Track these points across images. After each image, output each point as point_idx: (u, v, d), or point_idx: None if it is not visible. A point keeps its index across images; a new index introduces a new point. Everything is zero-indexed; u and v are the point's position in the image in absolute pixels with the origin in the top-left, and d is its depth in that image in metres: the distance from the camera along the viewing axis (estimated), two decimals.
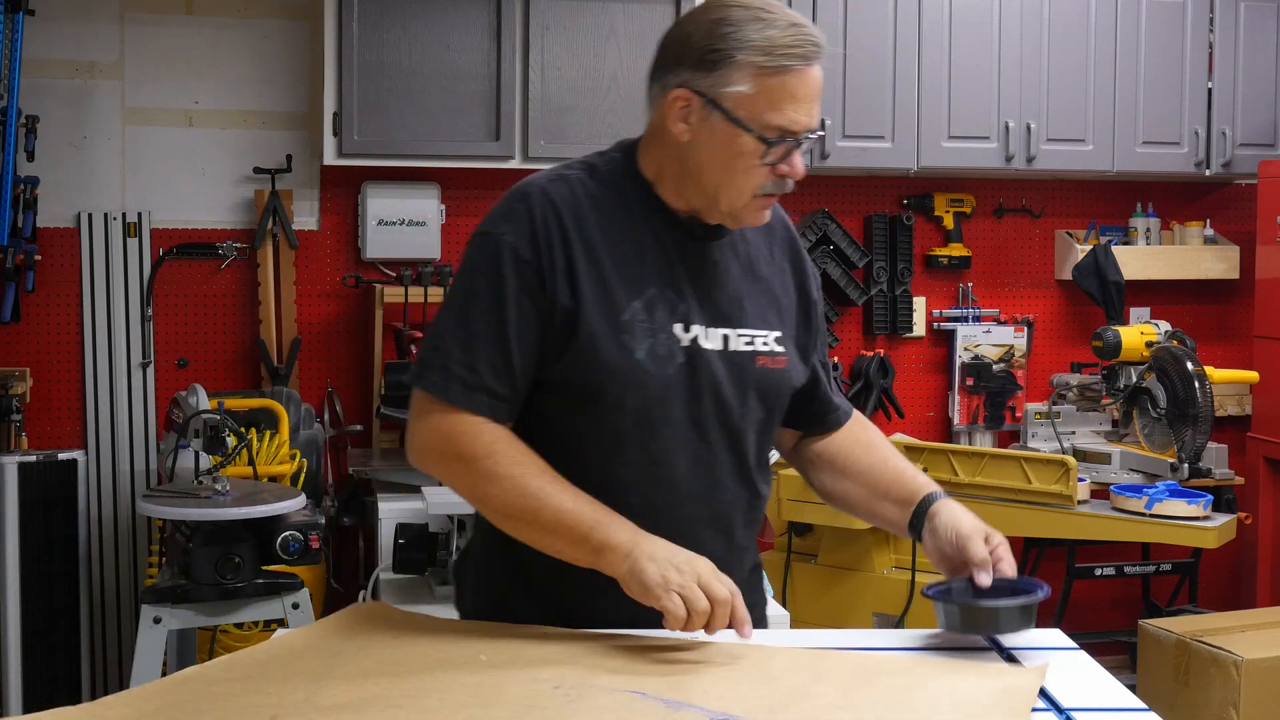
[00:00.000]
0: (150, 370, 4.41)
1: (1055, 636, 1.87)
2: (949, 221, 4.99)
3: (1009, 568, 1.81)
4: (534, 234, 1.82)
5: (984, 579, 1.79)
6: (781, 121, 1.81)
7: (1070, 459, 4.02)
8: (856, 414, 2.12)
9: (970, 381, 4.99)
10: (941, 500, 1.90)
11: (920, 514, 1.90)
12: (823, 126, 1.93)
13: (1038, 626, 1.79)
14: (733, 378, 1.87)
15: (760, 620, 1.98)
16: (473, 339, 1.80)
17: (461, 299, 1.84)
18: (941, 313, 5.02)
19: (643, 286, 1.83)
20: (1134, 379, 4.45)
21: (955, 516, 1.87)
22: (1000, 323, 5.05)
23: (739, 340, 1.89)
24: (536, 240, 1.81)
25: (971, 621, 1.77)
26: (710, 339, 1.86)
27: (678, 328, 1.84)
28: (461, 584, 2.06)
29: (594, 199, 1.87)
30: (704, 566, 1.72)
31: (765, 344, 1.91)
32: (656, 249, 1.86)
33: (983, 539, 1.83)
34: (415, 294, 4.31)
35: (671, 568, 1.70)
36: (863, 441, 2.06)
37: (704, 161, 1.84)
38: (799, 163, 1.84)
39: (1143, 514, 3.96)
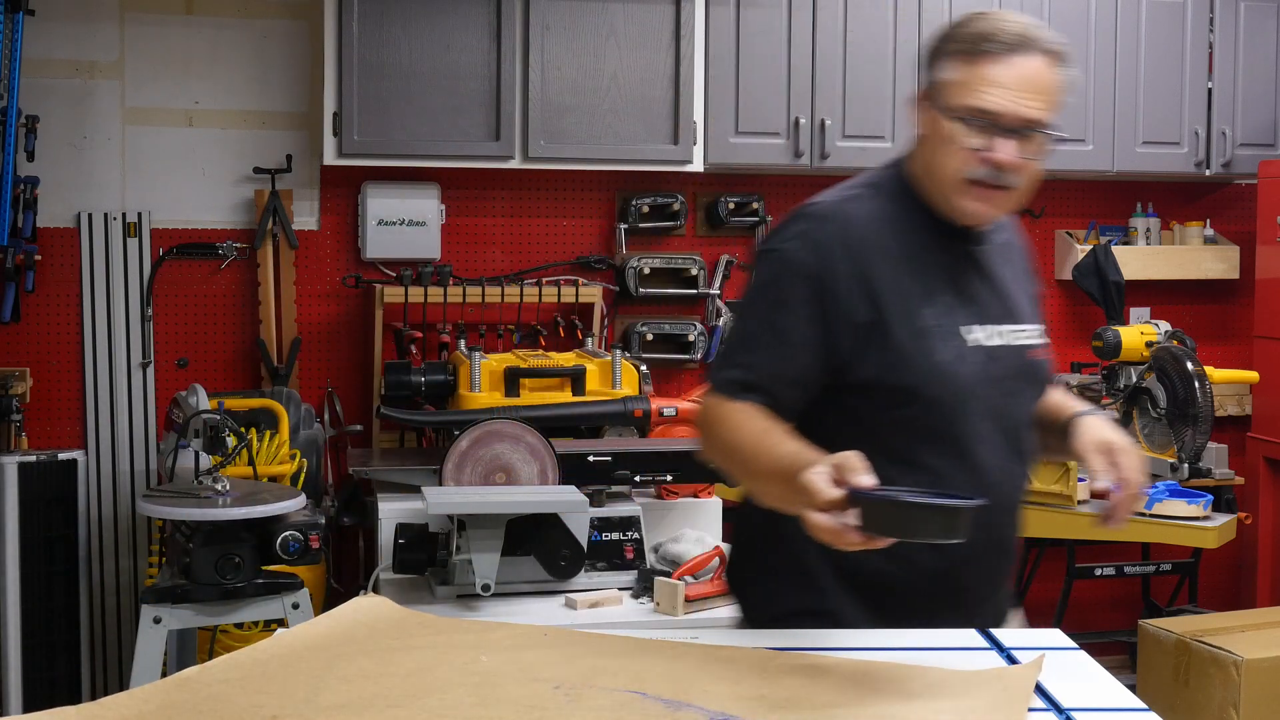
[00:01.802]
0: (150, 370, 4.41)
1: (1055, 636, 1.87)
2: None
3: (1131, 478, 1.90)
4: (823, 252, 1.95)
5: (1101, 483, 1.90)
6: (978, 103, 1.91)
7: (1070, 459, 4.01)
8: None
9: None
10: (1086, 415, 2.03)
11: (1066, 432, 2.03)
12: (1049, 127, 1.97)
13: (1037, 625, 1.79)
14: (1013, 371, 2.04)
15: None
16: (754, 345, 1.97)
17: (747, 309, 2.03)
18: None
19: (935, 293, 1.98)
20: (1134, 379, 4.45)
21: (1087, 429, 2.00)
22: None
23: (1013, 336, 2.05)
24: (827, 259, 1.94)
25: (879, 523, 1.64)
26: (992, 337, 2.02)
27: (964, 330, 1.99)
28: (747, 593, 2.14)
29: (883, 214, 2.00)
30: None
31: (1031, 337, 2.09)
32: (940, 256, 2.01)
33: (1103, 451, 1.94)
34: (415, 294, 4.31)
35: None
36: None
37: (925, 151, 2.00)
38: (1005, 149, 1.92)
39: (1143, 514, 3.96)
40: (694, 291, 4.68)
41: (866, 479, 1.65)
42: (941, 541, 1.64)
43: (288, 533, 3.08)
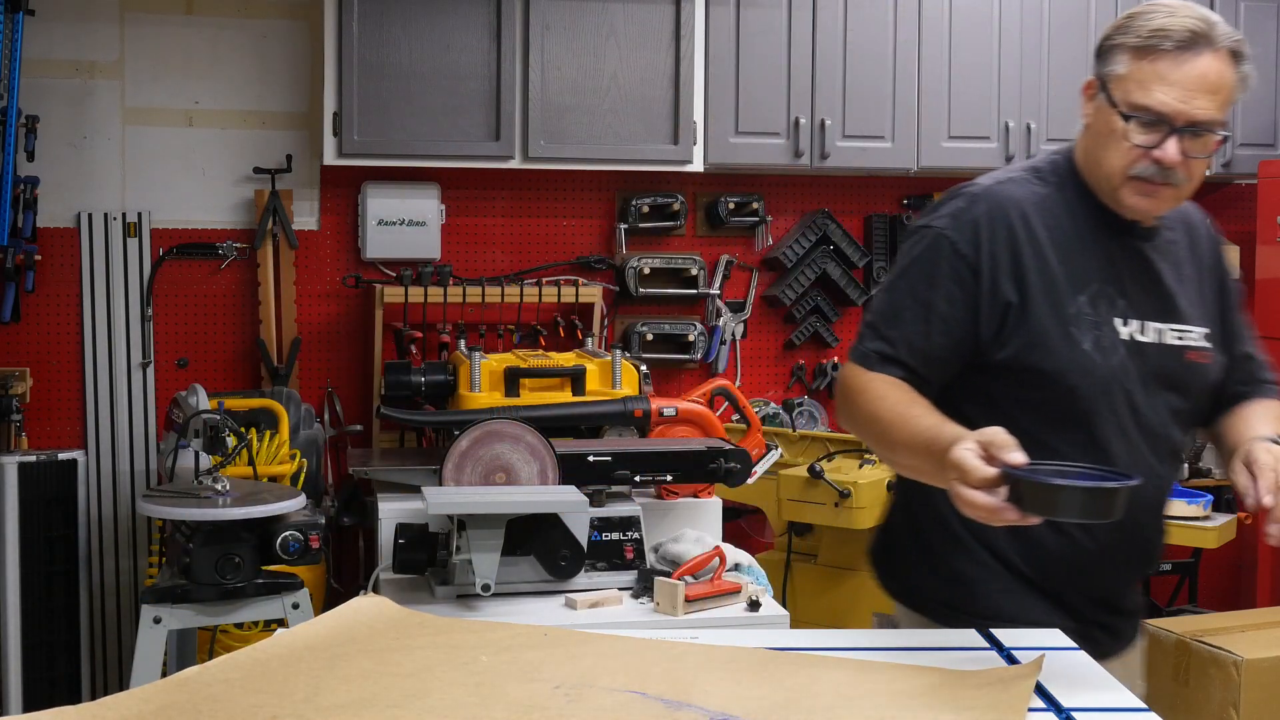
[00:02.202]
0: (150, 370, 4.41)
1: (1055, 636, 1.87)
2: None
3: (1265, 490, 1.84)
4: (976, 231, 1.96)
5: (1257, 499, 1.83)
6: (1146, 101, 1.89)
7: None
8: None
9: None
10: (1258, 441, 1.92)
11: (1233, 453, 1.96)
12: (1219, 126, 1.94)
13: (1037, 625, 1.79)
14: (1165, 370, 2.01)
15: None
16: (898, 318, 1.98)
17: (895, 283, 2.02)
18: None
19: (1086, 282, 1.97)
20: None
21: (1250, 450, 1.90)
22: None
23: (1171, 335, 2.02)
24: (978, 237, 1.96)
25: (1030, 501, 1.64)
26: (1146, 333, 1.99)
27: (1118, 322, 1.97)
28: (895, 570, 2.19)
29: (1039, 199, 2.01)
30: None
31: (1194, 339, 2.04)
32: (1096, 246, 1.99)
33: (1245, 464, 1.88)
34: (415, 294, 4.31)
35: None
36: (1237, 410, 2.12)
37: (1091, 142, 1.99)
38: (1170, 148, 1.90)
39: None
40: (694, 291, 4.69)
41: (1017, 455, 1.64)
42: (1095, 521, 1.66)
43: (288, 533, 3.08)
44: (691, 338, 4.67)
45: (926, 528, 2.08)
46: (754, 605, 2.90)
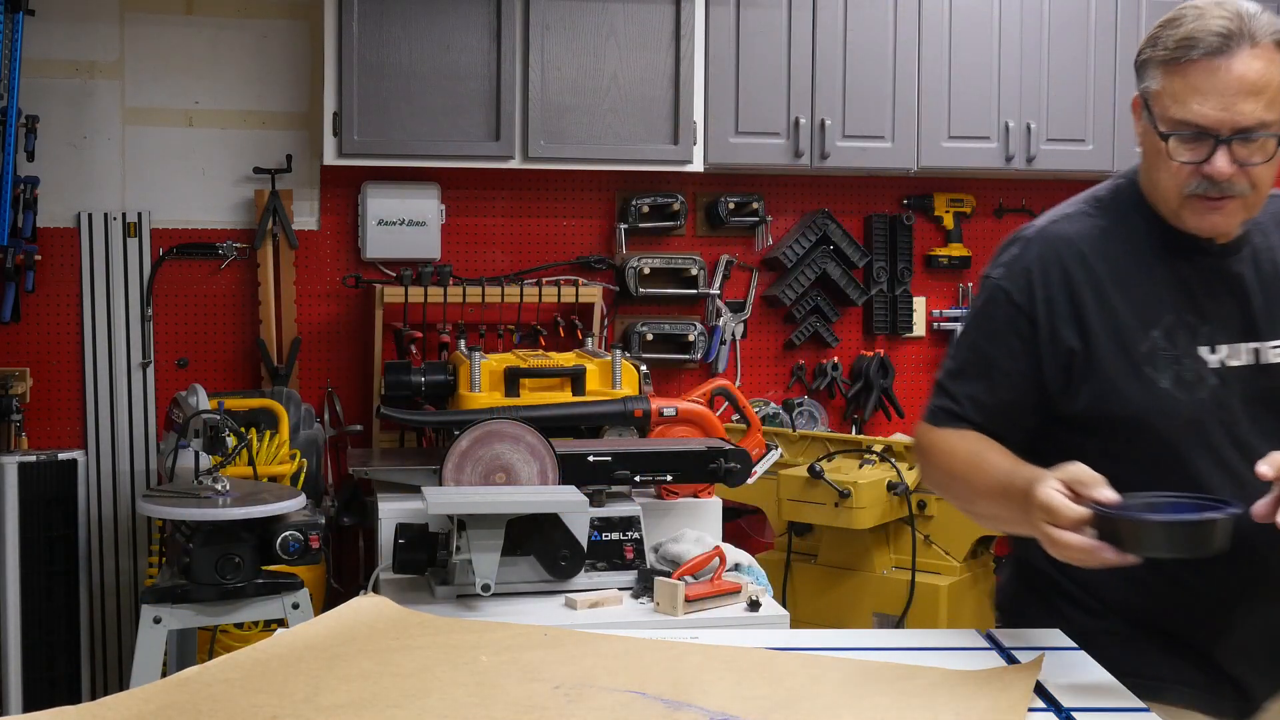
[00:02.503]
0: (150, 370, 4.41)
1: (1055, 636, 1.87)
2: (949, 221, 4.99)
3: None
4: (1029, 280, 1.87)
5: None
6: (1184, 115, 1.77)
7: None
8: None
9: None
10: None
11: None
12: (1271, 125, 1.77)
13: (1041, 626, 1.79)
14: (1270, 391, 1.86)
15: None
16: (962, 374, 1.92)
17: (960, 338, 1.97)
18: (942, 313, 5.02)
19: (1159, 314, 1.84)
20: None
21: None
22: None
23: (1271, 353, 1.86)
24: (1032, 286, 1.87)
25: (1125, 539, 1.58)
26: (1240, 356, 1.85)
27: (1203, 350, 1.84)
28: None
29: (1099, 232, 1.89)
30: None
31: None
32: (1169, 273, 1.86)
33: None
34: (415, 294, 4.31)
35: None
36: None
37: (1146, 164, 1.87)
38: (1220, 161, 1.76)
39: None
40: (694, 291, 4.68)
41: (1106, 492, 1.57)
42: (1195, 556, 1.58)
43: (288, 533, 3.08)
44: (691, 338, 4.67)
45: (1038, 582, 1.97)
46: (754, 605, 2.90)
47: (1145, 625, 1.89)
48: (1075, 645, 1.82)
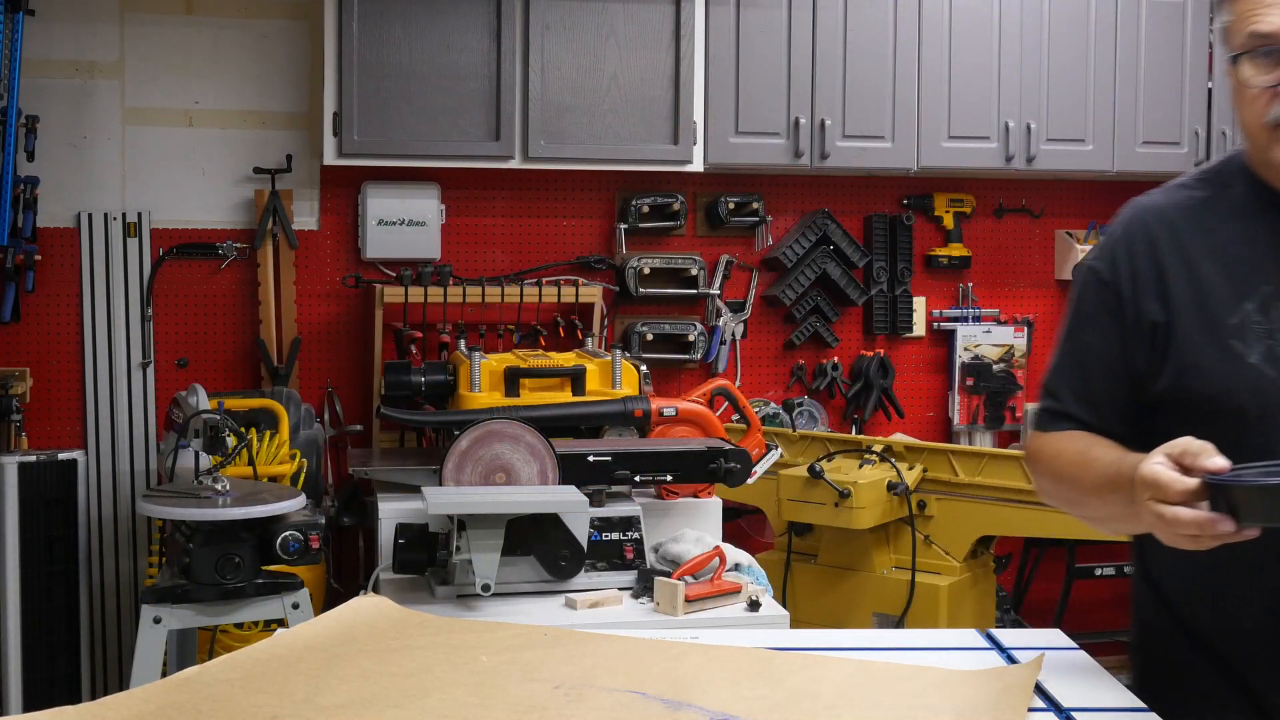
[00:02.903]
0: (150, 370, 4.41)
1: (1055, 636, 1.87)
2: (949, 221, 4.99)
3: None
4: (1114, 252, 1.81)
5: None
6: (1253, 29, 1.68)
7: None
8: None
9: (970, 381, 5.00)
10: None
11: None
12: None
13: (1037, 625, 1.79)
14: None
15: None
16: (1060, 368, 1.85)
17: (1060, 336, 1.88)
18: (941, 313, 5.03)
19: (1255, 286, 1.72)
20: None
21: None
22: (1000, 323, 5.05)
23: None
24: (1116, 258, 1.80)
25: (1245, 509, 1.45)
26: None
27: None
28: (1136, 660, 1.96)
29: (1197, 203, 1.81)
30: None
31: None
32: (1272, 244, 1.74)
33: None
34: (415, 294, 4.31)
35: None
36: None
37: (1235, 117, 1.78)
38: None
39: None
40: (694, 291, 4.68)
41: (1218, 460, 1.46)
42: None
43: (288, 533, 3.08)
44: (691, 338, 4.67)
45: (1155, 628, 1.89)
46: (754, 605, 2.90)
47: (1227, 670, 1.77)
48: (1075, 645, 1.82)
